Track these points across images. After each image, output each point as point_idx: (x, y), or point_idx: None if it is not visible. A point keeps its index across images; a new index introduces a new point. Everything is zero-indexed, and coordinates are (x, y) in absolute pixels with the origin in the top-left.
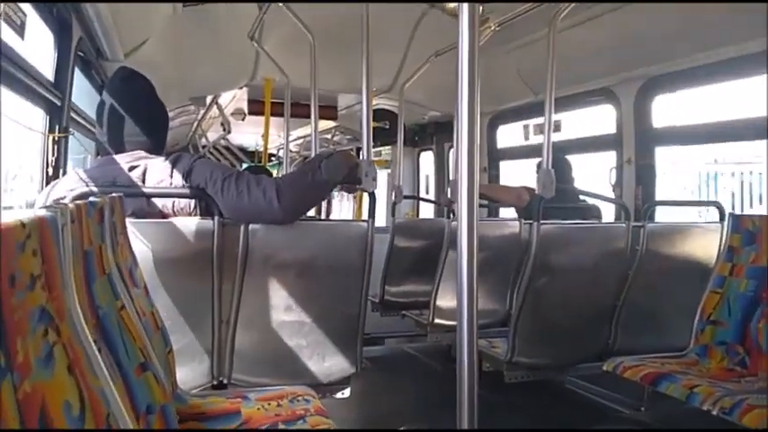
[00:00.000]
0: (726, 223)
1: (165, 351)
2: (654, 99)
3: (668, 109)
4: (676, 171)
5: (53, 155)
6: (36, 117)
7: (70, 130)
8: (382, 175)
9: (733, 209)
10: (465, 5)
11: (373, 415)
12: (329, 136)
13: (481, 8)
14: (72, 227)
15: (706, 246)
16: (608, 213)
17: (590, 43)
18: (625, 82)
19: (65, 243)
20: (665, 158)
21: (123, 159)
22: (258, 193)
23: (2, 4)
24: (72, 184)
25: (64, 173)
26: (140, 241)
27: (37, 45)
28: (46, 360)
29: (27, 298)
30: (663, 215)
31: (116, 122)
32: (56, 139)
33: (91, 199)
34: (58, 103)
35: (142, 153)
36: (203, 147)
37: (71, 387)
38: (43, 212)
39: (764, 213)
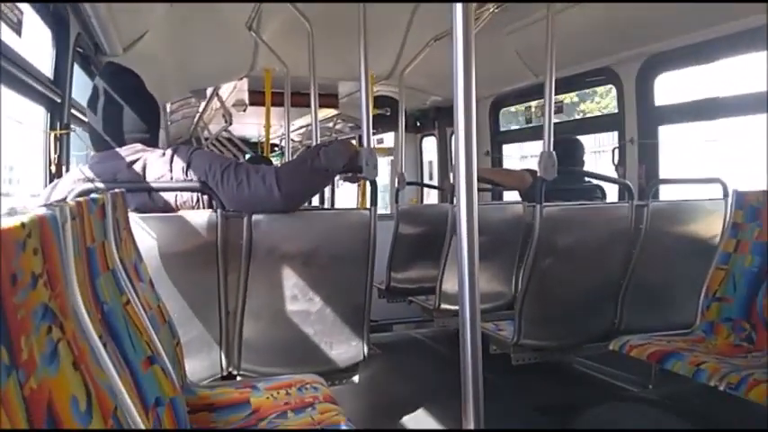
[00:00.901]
0: (729, 200)
1: (173, 344)
2: (656, 77)
3: (671, 86)
4: (679, 149)
5: (55, 152)
6: (35, 114)
7: (71, 126)
8: (385, 162)
9: None
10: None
11: (382, 401)
12: (331, 124)
13: None
14: (73, 224)
15: (710, 222)
16: (612, 193)
17: (589, 23)
18: (626, 61)
19: (66, 240)
20: (668, 137)
21: (122, 153)
22: (258, 182)
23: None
24: (73, 183)
25: (67, 169)
26: (145, 236)
27: (35, 42)
28: (51, 357)
29: (29, 296)
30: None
31: (112, 113)
32: (57, 136)
33: (92, 195)
34: (58, 100)
35: (139, 146)
36: (206, 139)
37: (77, 382)
38: (43, 211)
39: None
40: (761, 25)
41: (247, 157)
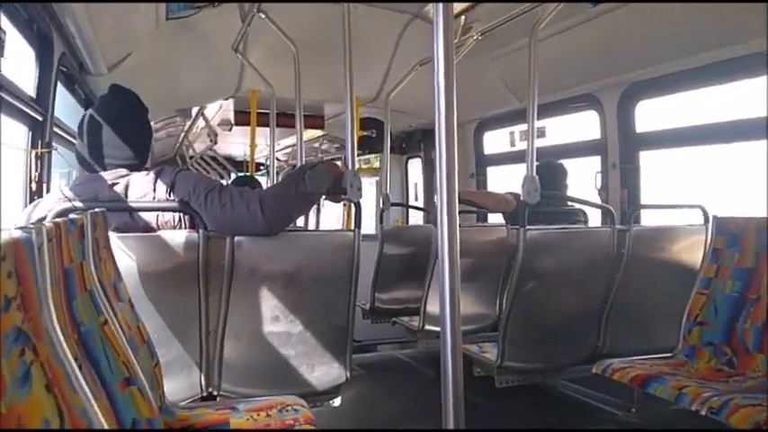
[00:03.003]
0: (710, 225)
1: (151, 364)
2: (636, 104)
3: (652, 113)
4: (659, 174)
5: (36, 170)
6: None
7: (53, 145)
8: (371, 183)
9: None
10: (439, 5)
11: (364, 423)
12: (317, 144)
13: (464, 18)
14: (50, 245)
15: (691, 248)
16: (595, 217)
17: (571, 51)
18: (608, 88)
19: (41, 263)
20: (649, 162)
21: (106, 177)
22: (242, 206)
23: None
24: (53, 203)
25: (47, 188)
26: (125, 255)
27: (17, 61)
28: (23, 380)
29: (1, 319)
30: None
31: (101, 139)
32: (39, 154)
33: (71, 216)
34: (40, 119)
35: (123, 171)
36: (191, 157)
37: (49, 405)
38: (18, 234)
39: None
40: (740, 55)
41: (233, 177)
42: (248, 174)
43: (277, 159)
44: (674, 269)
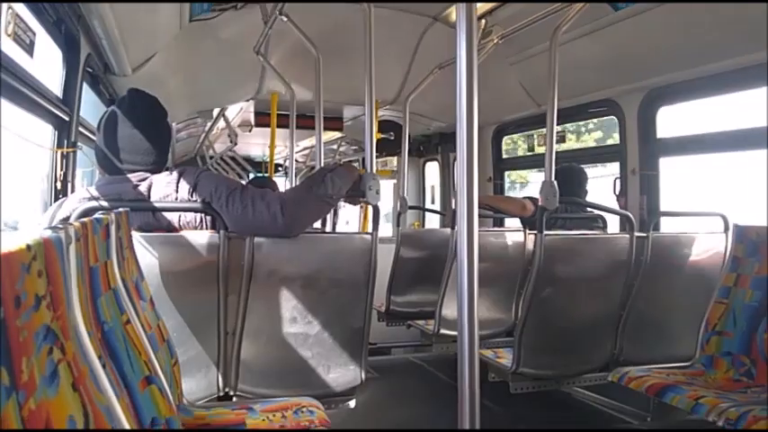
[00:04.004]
0: (730, 233)
1: (170, 363)
2: (657, 109)
3: (673, 119)
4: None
5: (61, 169)
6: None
7: (78, 144)
8: (389, 185)
9: None
10: (462, 6)
11: (379, 425)
12: (335, 146)
13: (484, 22)
14: (77, 245)
15: (710, 256)
16: (614, 222)
17: (592, 55)
18: (628, 93)
19: (69, 262)
20: (669, 168)
21: (128, 179)
22: (262, 208)
23: (11, 26)
24: (78, 201)
25: (72, 186)
26: (147, 255)
27: (46, 62)
28: (51, 378)
29: (32, 318)
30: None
31: (118, 141)
32: (64, 153)
33: (96, 216)
34: (66, 119)
35: (146, 174)
36: (211, 158)
37: (75, 403)
38: (48, 233)
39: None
40: (761, 62)
41: (251, 177)
42: (266, 174)
43: (296, 161)
44: (693, 277)
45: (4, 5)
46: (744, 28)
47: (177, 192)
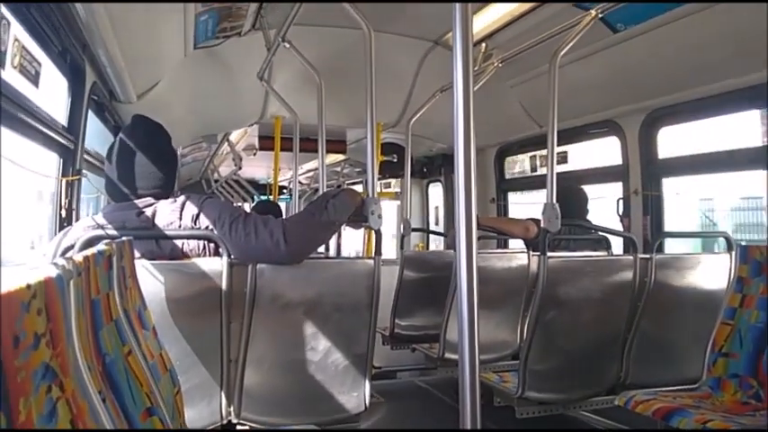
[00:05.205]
0: (734, 254)
1: (173, 392)
2: (659, 130)
3: (674, 139)
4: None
5: (66, 197)
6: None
7: (83, 171)
8: (392, 207)
9: None
10: (458, 34)
11: None
12: (339, 169)
13: (484, 45)
14: (77, 280)
15: (715, 276)
16: (617, 243)
17: (592, 77)
18: (629, 113)
19: (70, 298)
20: (671, 189)
21: (133, 206)
22: (265, 235)
23: (17, 58)
24: (83, 230)
25: (77, 215)
26: (151, 282)
27: (51, 91)
28: (49, 416)
29: (31, 357)
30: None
31: (126, 167)
32: (69, 181)
33: (99, 248)
34: (71, 147)
35: (150, 200)
36: (215, 181)
37: None
38: (49, 271)
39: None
40: (761, 83)
41: (256, 200)
42: (270, 199)
43: (299, 183)
44: (698, 299)
45: (11, 38)
46: (744, 48)
47: (181, 219)
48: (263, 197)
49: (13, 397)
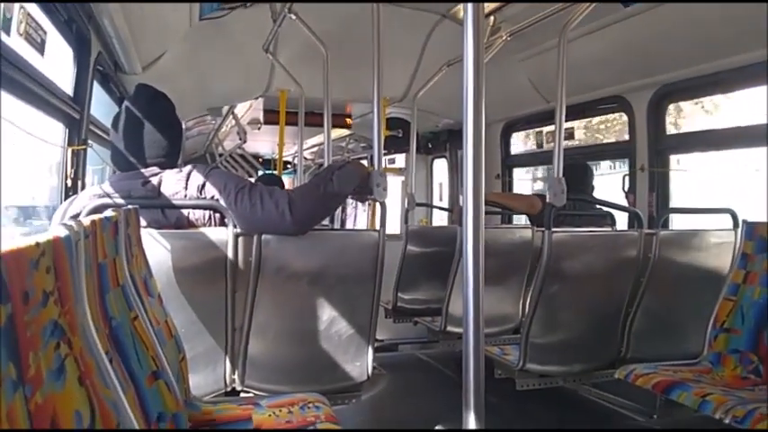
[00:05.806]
0: (739, 230)
1: (178, 358)
2: (667, 106)
3: (682, 116)
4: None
5: (72, 167)
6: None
7: (89, 141)
8: (396, 182)
9: None
10: (470, 7)
11: (385, 421)
12: (343, 144)
13: (492, 18)
14: (86, 242)
15: (719, 253)
16: (622, 219)
17: (601, 52)
18: (638, 89)
19: (78, 259)
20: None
21: (139, 175)
22: (271, 206)
23: (23, 25)
24: (89, 198)
25: (83, 184)
26: (156, 251)
27: (57, 60)
28: (57, 372)
29: (40, 314)
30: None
31: (131, 137)
32: (75, 151)
33: (106, 213)
34: (77, 117)
35: (156, 169)
36: (220, 155)
37: (82, 398)
38: (58, 231)
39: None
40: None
41: (260, 173)
42: (275, 172)
43: (304, 158)
44: (701, 274)
45: (17, 5)
46: (754, 24)
47: (186, 189)
48: (267, 171)
49: (23, 351)
